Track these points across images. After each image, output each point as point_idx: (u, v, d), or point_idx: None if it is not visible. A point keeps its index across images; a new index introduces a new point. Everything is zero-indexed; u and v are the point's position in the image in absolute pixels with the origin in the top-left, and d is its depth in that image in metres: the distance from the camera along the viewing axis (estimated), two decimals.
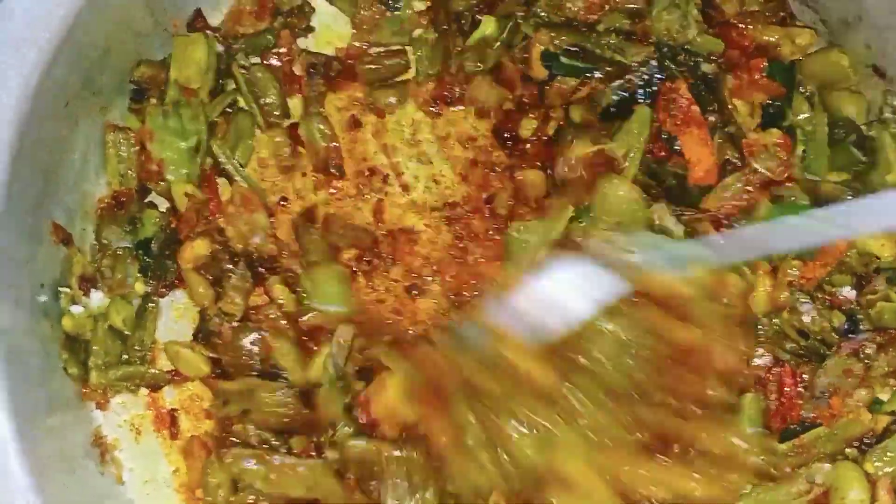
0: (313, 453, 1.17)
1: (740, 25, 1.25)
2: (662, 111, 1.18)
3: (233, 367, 1.21)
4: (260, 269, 1.25)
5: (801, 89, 1.24)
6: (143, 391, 1.26)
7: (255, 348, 1.20)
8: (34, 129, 1.13)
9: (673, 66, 1.21)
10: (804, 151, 1.21)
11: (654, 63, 1.20)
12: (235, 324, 1.21)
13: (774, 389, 1.13)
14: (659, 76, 1.20)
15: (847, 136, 1.22)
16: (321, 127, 1.28)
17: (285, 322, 1.21)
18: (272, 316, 1.21)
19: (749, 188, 1.16)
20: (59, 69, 1.14)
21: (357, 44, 1.31)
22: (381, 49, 1.31)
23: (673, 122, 1.16)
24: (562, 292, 1.00)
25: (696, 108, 1.16)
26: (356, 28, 1.32)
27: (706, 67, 1.22)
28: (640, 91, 1.21)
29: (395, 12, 1.31)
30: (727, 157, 1.19)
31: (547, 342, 0.99)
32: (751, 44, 1.25)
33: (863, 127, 1.23)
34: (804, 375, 1.13)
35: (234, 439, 1.18)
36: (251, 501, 1.16)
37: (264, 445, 1.18)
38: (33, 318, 1.18)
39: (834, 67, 1.24)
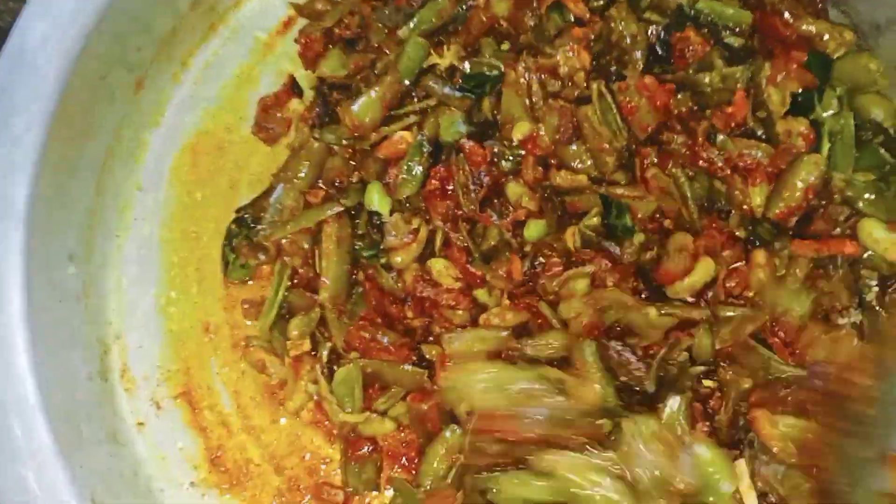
0: None
1: (785, 14, 1.25)
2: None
3: None
4: None
5: (831, 89, 1.24)
6: None
7: None
8: (73, 97, 1.16)
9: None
10: (830, 149, 1.21)
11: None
12: None
13: None
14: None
15: (874, 137, 1.21)
16: None
17: None
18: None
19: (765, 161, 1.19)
20: (101, 40, 1.17)
21: None
22: None
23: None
24: None
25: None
26: None
27: (731, 39, 1.23)
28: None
29: None
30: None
31: None
32: (793, 33, 1.25)
33: (889, 130, 1.22)
34: None
35: None
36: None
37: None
38: None
39: (863, 71, 1.24)
